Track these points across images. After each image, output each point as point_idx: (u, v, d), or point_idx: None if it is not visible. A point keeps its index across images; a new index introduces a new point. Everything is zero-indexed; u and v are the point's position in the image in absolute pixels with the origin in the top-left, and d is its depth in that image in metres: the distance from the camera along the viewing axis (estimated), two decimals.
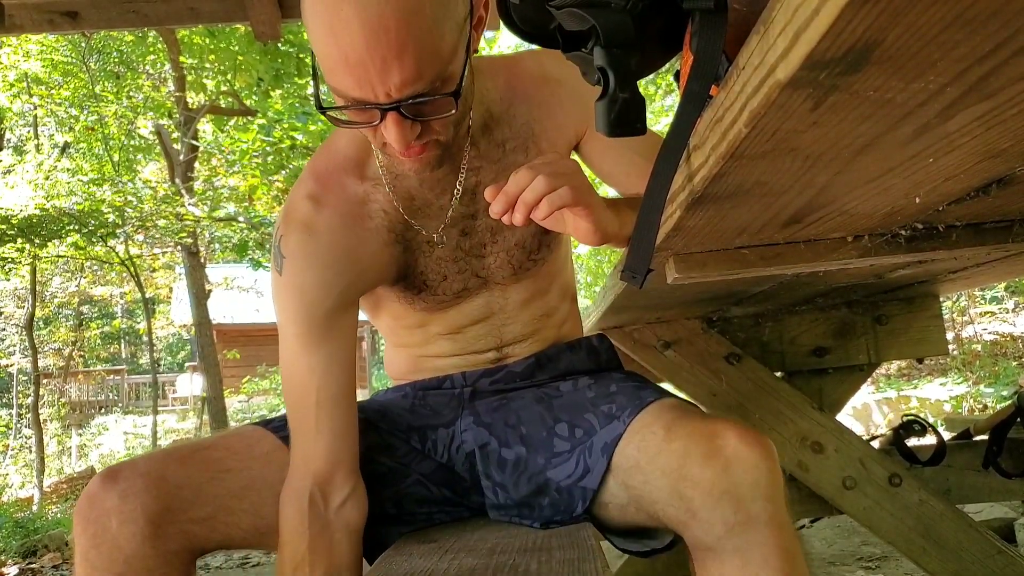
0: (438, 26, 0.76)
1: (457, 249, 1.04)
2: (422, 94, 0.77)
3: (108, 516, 0.85)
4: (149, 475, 0.87)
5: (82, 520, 0.86)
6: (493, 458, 1.05)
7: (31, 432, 9.28)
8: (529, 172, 0.80)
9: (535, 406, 1.07)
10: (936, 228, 0.76)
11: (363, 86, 0.76)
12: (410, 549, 0.94)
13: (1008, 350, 7.52)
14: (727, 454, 0.82)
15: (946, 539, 1.51)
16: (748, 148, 0.47)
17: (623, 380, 1.06)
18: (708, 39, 0.57)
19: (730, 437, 0.83)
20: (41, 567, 4.51)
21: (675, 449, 0.86)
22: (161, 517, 0.85)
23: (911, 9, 0.30)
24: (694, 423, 0.88)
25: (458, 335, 1.10)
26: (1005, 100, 0.40)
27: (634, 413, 0.94)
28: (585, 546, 0.85)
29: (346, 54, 0.74)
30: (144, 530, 0.84)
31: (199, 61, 8.21)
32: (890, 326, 1.68)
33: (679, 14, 0.64)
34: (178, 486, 0.88)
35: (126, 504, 0.85)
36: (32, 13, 2.65)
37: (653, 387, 1.03)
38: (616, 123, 0.60)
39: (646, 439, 0.90)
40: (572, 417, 1.02)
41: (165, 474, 0.88)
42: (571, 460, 0.99)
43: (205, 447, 0.95)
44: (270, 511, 0.95)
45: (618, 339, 1.63)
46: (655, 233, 0.63)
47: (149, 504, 0.85)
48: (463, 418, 1.09)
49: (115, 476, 0.87)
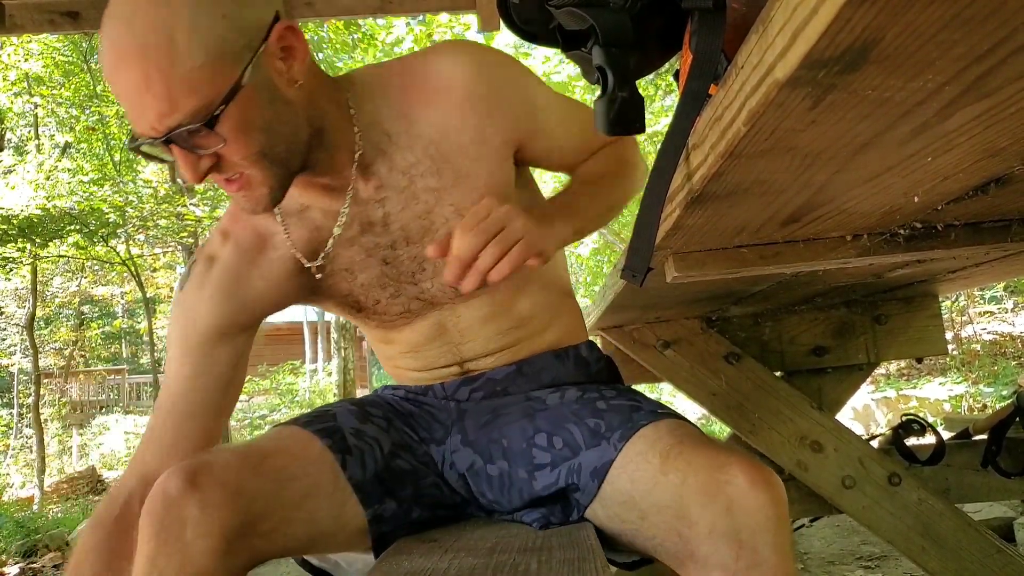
0: (192, 57, 0.75)
1: (383, 276, 1.03)
2: (180, 125, 0.77)
3: (184, 525, 0.81)
4: (228, 486, 0.84)
5: (155, 522, 0.81)
6: (482, 476, 1.03)
7: (32, 432, 9.28)
8: (477, 237, 0.82)
9: (520, 420, 1.03)
10: (935, 227, 0.76)
11: (135, 119, 0.79)
12: (410, 548, 0.94)
13: (1007, 350, 7.53)
14: (730, 493, 0.76)
15: (945, 538, 1.51)
16: (747, 147, 0.47)
17: (615, 397, 0.99)
18: (707, 38, 0.58)
19: (736, 474, 0.77)
20: (42, 567, 4.51)
21: (672, 483, 0.80)
22: (236, 533, 0.82)
23: (909, 8, 0.30)
24: (694, 452, 0.82)
25: (418, 352, 1.10)
26: (1003, 99, 0.41)
27: (625, 437, 0.90)
28: (585, 546, 0.85)
29: (116, 88, 0.78)
30: (219, 546, 0.81)
31: None
32: (889, 326, 1.68)
33: (678, 14, 0.64)
34: (253, 499, 0.85)
35: (205, 516, 0.81)
36: (33, 13, 2.65)
37: (648, 406, 0.96)
38: (615, 122, 0.60)
39: (640, 469, 0.85)
40: (553, 428, 0.98)
41: (242, 486, 0.85)
42: (554, 473, 0.95)
43: (270, 453, 0.92)
44: (324, 516, 0.93)
45: (618, 339, 1.64)
46: (654, 232, 0.63)
47: (227, 519, 0.82)
48: (452, 436, 1.08)
49: (194, 481, 0.83)
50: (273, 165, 0.86)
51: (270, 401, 14.18)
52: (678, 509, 0.79)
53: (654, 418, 0.91)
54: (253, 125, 0.83)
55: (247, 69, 0.79)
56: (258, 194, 0.87)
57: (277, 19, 0.83)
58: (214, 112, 0.78)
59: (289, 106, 0.86)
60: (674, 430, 0.88)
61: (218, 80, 0.78)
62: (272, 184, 0.87)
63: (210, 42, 0.76)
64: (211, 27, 0.76)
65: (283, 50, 0.84)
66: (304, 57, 0.86)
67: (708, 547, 0.76)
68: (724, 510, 0.76)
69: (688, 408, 8.43)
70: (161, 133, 0.78)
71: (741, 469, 0.77)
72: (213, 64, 0.77)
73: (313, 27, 8.01)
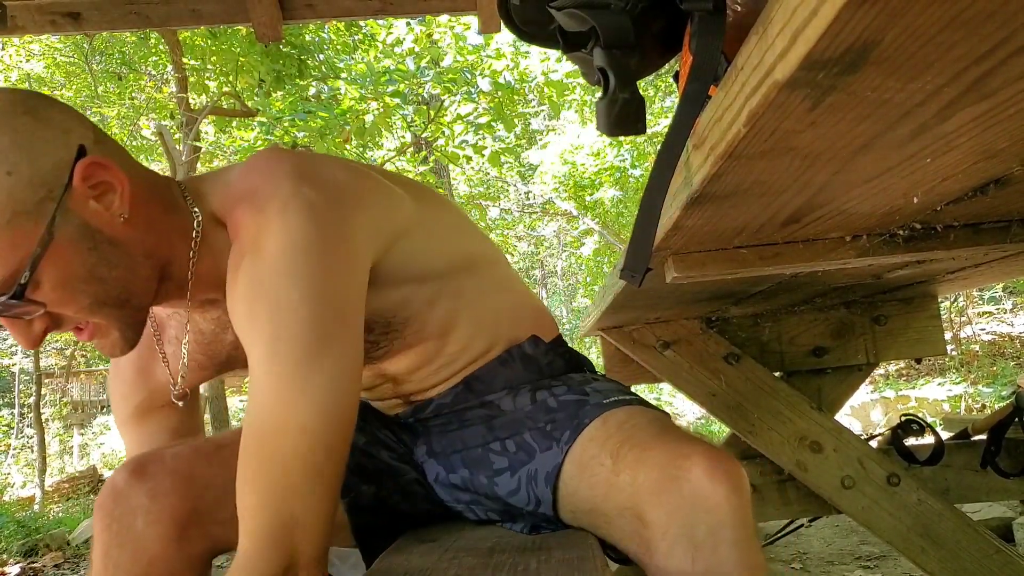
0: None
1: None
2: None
3: (135, 514, 0.82)
4: (177, 473, 0.85)
5: (105, 515, 0.83)
6: (446, 486, 1.04)
7: (33, 431, 9.27)
8: None
9: (478, 426, 1.02)
10: (934, 228, 0.76)
11: None
12: (410, 548, 0.94)
13: (1006, 350, 7.53)
14: (684, 490, 0.72)
15: (944, 538, 1.51)
16: (747, 148, 0.47)
17: (565, 392, 0.97)
18: (707, 40, 0.58)
19: (692, 467, 0.73)
20: (42, 566, 4.51)
21: (623, 484, 0.77)
22: (188, 519, 0.83)
23: (909, 10, 0.30)
24: (644, 447, 0.78)
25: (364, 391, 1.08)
26: (1003, 100, 0.41)
27: (572, 438, 0.87)
28: (585, 545, 0.85)
29: None
30: (171, 532, 0.82)
31: (201, 62, 8.21)
32: (889, 326, 1.68)
33: (678, 15, 0.64)
34: (205, 487, 0.85)
35: (155, 504, 0.82)
36: (34, 14, 2.65)
37: (596, 397, 0.93)
38: (616, 123, 0.60)
39: (595, 474, 0.82)
40: (509, 434, 0.97)
41: (193, 473, 0.86)
42: (514, 479, 0.94)
43: (226, 444, 0.91)
44: None
45: (618, 339, 1.64)
46: (654, 232, 0.63)
47: (177, 505, 0.83)
48: (418, 447, 1.08)
49: (142, 471, 0.84)
50: (115, 309, 0.79)
51: None
52: (634, 510, 0.76)
53: (601, 411, 0.89)
54: (75, 278, 0.74)
55: (53, 222, 0.71)
56: (111, 340, 0.81)
57: (82, 154, 0.73)
58: (20, 280, 0.70)
59: (118, 247, 0.77)
60: (624, 423, 0.85)
61: (20, 243, 0.70)
62: (120, 327, 0.80)
63: (0, 205, 0.68)
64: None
65: (95, 187, 0.74)
66: (124, 188, 0.76)
67: (665, 549, 0.73)
68: (678, 508, 0.72)
69: (688, 408, 8.43)
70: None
71: (698, 460, 0.73)
72: (8, 228, 0.69)
73: (314, 28, 8.01)
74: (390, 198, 0.91)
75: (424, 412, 1.06)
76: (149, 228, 0.80)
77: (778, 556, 2.75)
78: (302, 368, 0.72)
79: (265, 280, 0.73)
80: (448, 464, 1.03)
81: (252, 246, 0.76)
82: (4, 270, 0.70)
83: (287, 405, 0.71)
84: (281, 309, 0.72)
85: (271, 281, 0.73)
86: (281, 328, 0.72)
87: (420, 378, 1.03)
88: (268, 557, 0.70)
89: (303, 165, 0.80)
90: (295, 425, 0.71)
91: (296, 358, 0.72)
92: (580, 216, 12.01)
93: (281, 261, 0.73)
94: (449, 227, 1.03)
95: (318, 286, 0.74)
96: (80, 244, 0.74)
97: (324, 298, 0.74)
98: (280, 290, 0.73)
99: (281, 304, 0.72)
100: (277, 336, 0.72)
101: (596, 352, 7.76)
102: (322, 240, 0.75)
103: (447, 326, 0.99)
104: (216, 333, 0.96)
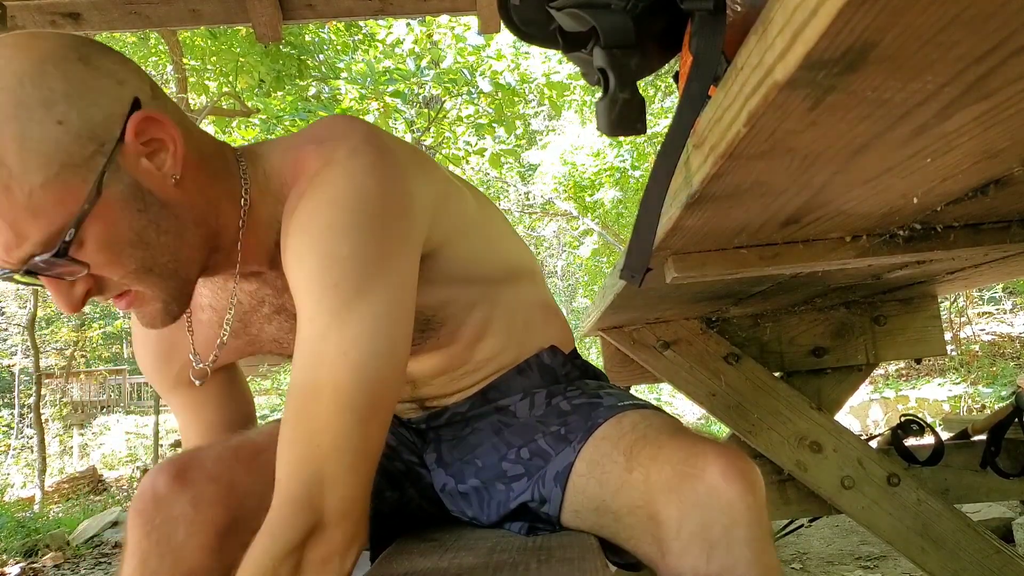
0: (27, 178, 0.64)
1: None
2: (33, 255, 0.67)
3: (176, 524, 0.80)
4: (220, 481, 0.83)
5: (146, 522, 0.80)
6: (456, 496, 1.03)
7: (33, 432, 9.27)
8: None
9: (491, 437, 1.00)
10: (934, 228, 0.76)
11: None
12: (410, 548, 0.94)
13: (1006, 350, 7.53)
14: (698, 488, 0.71)
15: (944, 539, 1.51)
16: (747, 148, 0.47)
17: (579, 396, 0.96)
18: (707, 40, 0.58)
19: (706, 466, 0.71)
20: (42, 566, 4.51)
21: (637, 480, 0.76)
22: (228, 530, 0.81)
23: (909, 9, 0.30)
24: (659, 445, 0.77)
25: None
26: (1003, 100, 0.41)
27: (585, 438, 0.86)
28: (585, 545, 0.85)
29: None
30: (212, 543, 0.80)
31: (201, 63, 8.21)
32: (888, 326, 1.68)
33: (678, 15, 0.64)
34: (246, 495, 0.83)
35: (198, 515, 0.80)
36: (34, 14, 2.65)
37: (610, 400, 0.92)
38: (617, 123, 0.60)
39: (607, 471, 0.81)
40: (523, 441, 0.96)
41: (234, 481, 0.84)
42: (529, 484, 0.92)
43: (264, 448, 0.87)
44: None
45: (618, 339, 1.64)
46: (654, 232, 0.63)
47: (220, 516, 0.81)
48: (427, 454, 1.07)
49: (184, 477, 0.82)
50: (162, 279, 0.75)
51: (271, 401, 14.17)
52: (647, 508, 0.75)
53: (614, 412, 0.88)
54: (122, 241, 0.70)
55: (102, 178, 0.67)
56: (152, 310, 0.77)
57: (136, 107, 0.70)
58: (64, 238, 0.67)
59: (168, 210, 0.73)
60: (638, 423, 0.83)
61: (66, 198, 0.66)
62: (165, 299, 0.77)
63: (47, 156, 0.64)
64: (44, 138, 0.64)
65: (147, 144, 0.70)
66: (177, 147, 0.72)
67: (679, 548, 0.72)
68: (692, 506, 0.71)
69: (688, 408, 8.43)
70: (16, 265, 0.68)
71: (713, 459, 0.72)
72: (56, 182, 0.65)
73: (314, 28, 8.01)
74: (458, 191, 0.91)
75: (438, 420, 1.04)
76: (200, 193, 0.76)
77: (778, 556, 2.75)
78: (337, 320, 0.69)
79: (318, 223, 0.71)
80: (459, 473, 1.02)
81: (311, 185, 0.74)
82: (49, 226, 0.66)
83: (323, 361, 0.69)
84: (328, 257, 0.70)
85: (324, 226, 0.71)
86: (326, 277, 0.70)
87: (441, 383, 1.01)
88: (293, 519, 0.69)
89: (376, 129, 0.80)
90: (329, 382, 0.69)
91: (335, 309, 0.69)
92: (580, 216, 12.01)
93: (337, 207, 0.71)
94: (501, 234, 1.03)
95: (368, 239, 0.71)
96: (129, 204, 0.70)
97: (373, 250, 0.71)
98: (332, 238, 0.71)
99: (331, 252, 0.70)
100: (324, 284, 0.70)
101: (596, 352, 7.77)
102: (382, 195, 0.73)
103: (480, 333, 0.97)
104: (254, 306, 0.92)
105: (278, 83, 7.60)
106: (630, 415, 0.87)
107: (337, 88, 7.55)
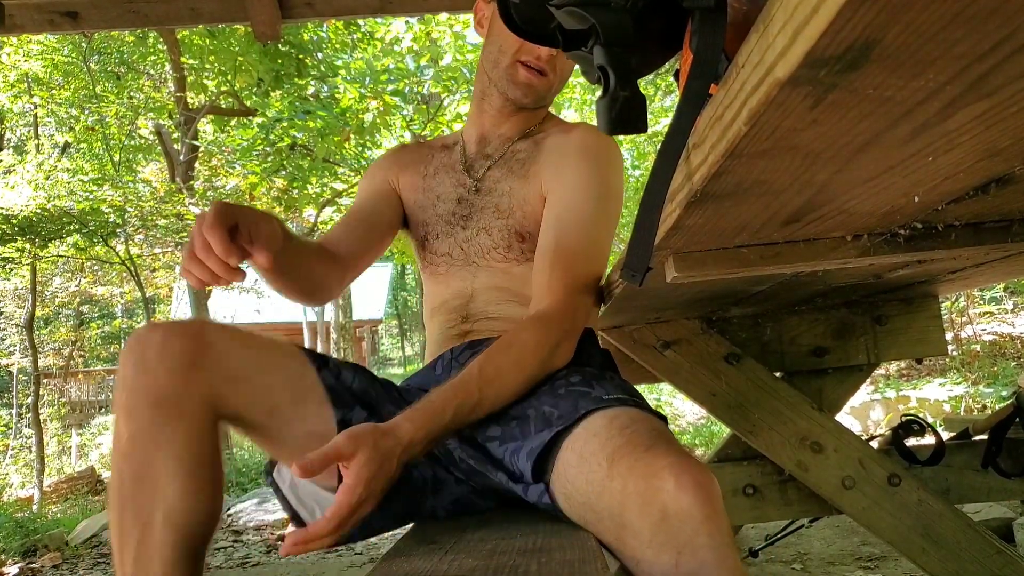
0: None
1: (452, 214, 1.30)
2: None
3: (150, 349, 0.93)
4: (190, 325, 0.98)
5: (130, 353, 0.94)
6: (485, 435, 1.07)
7: (31, 432, 9.27)
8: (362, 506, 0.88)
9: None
10: (935, 227, 0.76)
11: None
12: (410, 549, 0.94)
13: (1007, 350, 7.53)
14: (663, 501, 0.75)
15: (945, 539, 1.51)
16: (747, 146, 0.47)
17: (577, 383, 1.03)
18: (708, 38, 0.57)
19: (666, 478, 0.76)
20: (41, 567, 4.51)
21: (615, 489, 0.81)
22: (196, 357, 0.94)
23: (911, 7, 0.30)
24: (636, 456, 0.81)
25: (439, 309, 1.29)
26: (1005, 98, 0.40)
27: (566, 424, 0.92)
28: (586, 547, 0.85)
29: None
30: (181, 365, 0.92)
31: (199, 62, 8.21)
32: (889, 326, 1.68)
33: (679, 13, 0.64)
34: (212, 341, 0.96)
35: (167, 342, 0.94)
36: (32, 13, 2.65)
37: (598, 391, 0.98)
38: (617, 122, 0.60)
39: (593, 472, 0.85)
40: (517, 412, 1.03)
41: (203, 329, 0.98)
42: (501, 448, 1.01)
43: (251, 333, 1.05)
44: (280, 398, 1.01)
45: (618, 339, 1.63)
46: (654, 232, 0.63)
47: (187, 344, 0.94)
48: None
49: (158, 325, 0.97)
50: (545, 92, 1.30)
51: None
52: (621, 517, 0.79)
53: (598, 405, 0.93)
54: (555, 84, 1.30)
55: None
56: (543, 81, 1.27)
57: None
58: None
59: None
60: (625, 428, 0.87)
61: None
62: (544, 91, 1.29)
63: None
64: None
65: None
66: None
67: (651, 555, 0.76)
68: (660, 518, 0.75)
69: (688, 408, 8.43)
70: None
71: (668, 474, 0.76)
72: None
73: (312, 27, 8.01)
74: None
75: (478, 348, 1.16)
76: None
77: (779, 557, 2.75)
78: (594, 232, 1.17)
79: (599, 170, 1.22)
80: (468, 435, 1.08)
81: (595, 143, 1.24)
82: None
83: (593, 242, 1.17)
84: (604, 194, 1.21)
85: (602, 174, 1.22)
86: (600, 203, 1.20)
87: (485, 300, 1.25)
88: (561, 320, 1.09)
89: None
90: (596, 255, 1.17)
91: (598, 222, 1.19)
92: None
93: (608, 170, 1.23)
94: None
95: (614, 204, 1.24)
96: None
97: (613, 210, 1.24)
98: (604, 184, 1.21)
99: (603, 193, 1.21)
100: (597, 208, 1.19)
101: None
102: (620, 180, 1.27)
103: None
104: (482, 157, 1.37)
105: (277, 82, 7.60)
106: (620, 416, 0.90)
107: (336, 87, 7.54)
